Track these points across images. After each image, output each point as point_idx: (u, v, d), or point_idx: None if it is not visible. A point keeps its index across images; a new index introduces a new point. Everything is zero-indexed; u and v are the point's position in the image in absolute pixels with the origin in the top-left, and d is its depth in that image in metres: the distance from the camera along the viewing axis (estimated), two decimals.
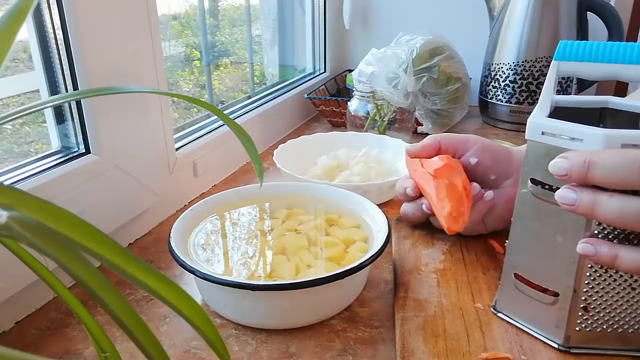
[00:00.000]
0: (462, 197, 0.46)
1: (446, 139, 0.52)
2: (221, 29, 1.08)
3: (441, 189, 0.47)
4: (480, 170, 0.50)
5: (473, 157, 0.50)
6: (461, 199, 0.46)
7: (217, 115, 0.33)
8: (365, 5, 1.27)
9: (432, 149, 0.51)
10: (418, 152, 0.52)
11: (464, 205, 0.47)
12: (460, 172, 0.48)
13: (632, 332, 0.36)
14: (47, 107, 0.48)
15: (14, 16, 0.23)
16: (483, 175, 0.51)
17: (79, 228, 0.16)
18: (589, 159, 0.31)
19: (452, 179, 0.47)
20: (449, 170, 0.48)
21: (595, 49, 0.35)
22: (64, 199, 0.46)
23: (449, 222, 0.46)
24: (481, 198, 0.49)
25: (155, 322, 0.43)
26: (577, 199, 0.32)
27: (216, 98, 1.03)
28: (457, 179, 0.47)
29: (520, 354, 0.37)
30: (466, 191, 0.47)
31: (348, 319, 0.44)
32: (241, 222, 0.53)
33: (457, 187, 0.46)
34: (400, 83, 0.84)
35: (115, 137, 0.52)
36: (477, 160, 0.50)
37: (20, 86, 0.61)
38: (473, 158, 0.50)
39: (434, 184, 0.48)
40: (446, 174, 0.47)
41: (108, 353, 0.24)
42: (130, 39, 0.53)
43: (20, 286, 0.42)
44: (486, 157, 0.50)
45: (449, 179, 0.47)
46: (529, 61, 0.98)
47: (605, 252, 0.32)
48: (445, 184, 0.47)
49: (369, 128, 0.87)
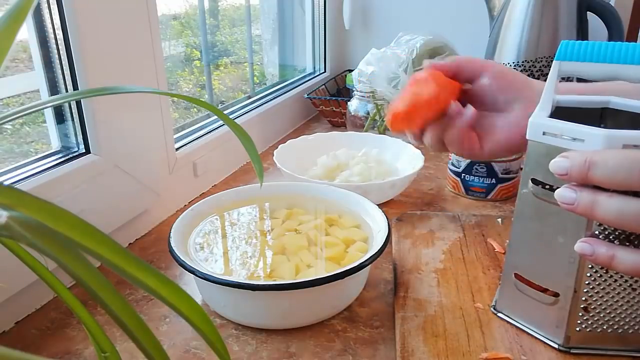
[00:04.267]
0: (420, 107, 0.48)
1: (463, 62, 0.51)
2: (221, 29, 1.08)
3: (407, 93, 0.48)
4: (490, 92, 0.50)
5: (486, 78, 0.50)
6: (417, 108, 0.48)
7: (217, 115, 0.33)
8: (365, 5, 1.27)
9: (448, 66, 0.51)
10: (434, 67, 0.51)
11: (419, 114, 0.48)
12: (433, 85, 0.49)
13: (632, 333, 0.36)
14: (47, 107, 0.48)
15: (14, 16, 0.23)
16: (493, 97, 0.50)
17: (79, 228, 0.16)
18: (590, 159, 0.30)
19: (422, 88, 0.48)
20: (425, 82, 0.49)
21: (597, 49, 0.35)
22: (64, 199, 0.46)
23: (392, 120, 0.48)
24: (460, 115, 0.49)
25: (155, 322, 0.43)
26: (577, 199, 0.31)
27: (216, 98, 1.03)
28: (426, 89, 0.48)
29: (520, 354, 0.37)
30: (430, 104, 0.48)
31: (348, 319, 0.44)
32: (241, 222, 0.53)
33: (420, 97, 0.48)
34: (400, 83, 0.84)
35: (115, 137, 0.52)
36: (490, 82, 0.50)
37: (20, 86, 0.60)
38: (486, 79, 0.50)
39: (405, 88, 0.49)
40: (421, 84, 0.49)
41: (108, 353, 0.24)
42: (130, 39, 0.53)
43: (20, 286, 0.42)
44: (498, 82, 0.49)
45: (420, 89, 0.48)
46: (529, 61, 0.98)
47: (602, 253, 0.32)
48: (413, 90, 0.48)
49: (369, 128, 0.87)
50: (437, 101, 0.48)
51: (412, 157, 0.72)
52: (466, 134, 0.50)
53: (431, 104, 0.48)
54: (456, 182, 0.69)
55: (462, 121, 0.49)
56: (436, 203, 0.68)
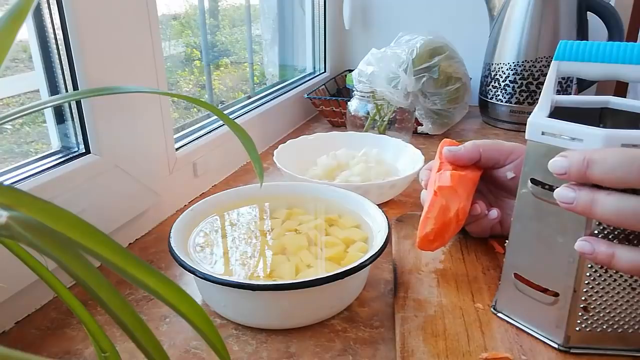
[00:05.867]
0: (449, 224, 0.47)
1: (488, 150, 0.49)
2: (221, 29, 1.08)
3: (434, 207, 0.47)
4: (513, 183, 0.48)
5: (510, 172, 0.48)
6: (447, 226, 0.47)
7: (217, 115, 0.33)
8: (365, 5, 1.27)
9: (469, 158, 0.49)
10: (455, 157, 0.49)
11: (448, 231, 0.47)
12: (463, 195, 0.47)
13: (632, 332, 0.36)
14: (47, 107, 0.48)
15: (14, 16, 0.23)
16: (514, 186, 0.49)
17: (79, 228, 0.16)
18: (589, 157, 0.31)
19: (450, 201, 0.47)
20: (451, 192, 0.47)
21: (596, 49, 0.35)
22: (64, 199, 0.46)
23: (423, 241, 0.47)
24: (484, 217, 0.49)
25: (155, 322, 0.43)
26: (576, 197, 0.32)
27: (216, 98, 1.03)
28: (455, 204, 0.47)
29: (520, 354, 0.37)
30: (458, 218, 0.47)
31: (348, 319, 0.44)
32: (241, 222, 0.53)
33: (449, 212, 0.47)
34: (400, 83, 0.84)
35: (115, 137, 0.52)
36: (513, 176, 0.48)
37: (20, 86, 0.61)
38: (510, 173, 0.48)
39: (431, 199, 0.48)
40: (447, 195, 0.47)
41: (108, 353, 0.24)
42: (130, 39, 0.53)
43: (20, 286, 0.42)
44: None
45: (447, 201, 0.47)
46: (529, 61, 0.98)
47: (602, 251, 0.32)
48: (441, 205, 0.47)
49: (369, 128, 0.87)
50: (465, 213, 0.47)
51: (412, 157, 0.72)
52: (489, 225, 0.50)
53: (459, 218, 0.47)
54: None
55: (487, 221, 0.49)
56: None
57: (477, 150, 0.49)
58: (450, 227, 0.47)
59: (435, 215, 0.47)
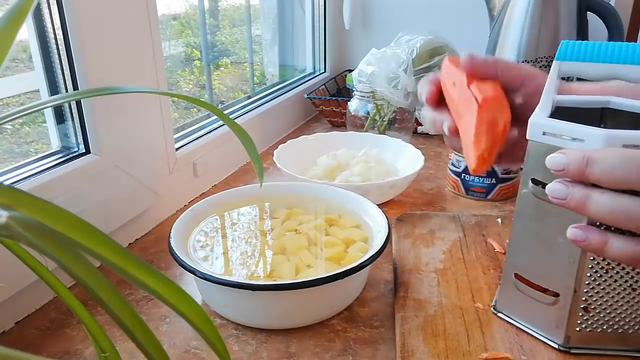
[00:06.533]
0: (498, 139, 0.40)
1: (506, 70, 0.43)
2: (221, 29, 1.08)
3: (483, 123, 0.40)
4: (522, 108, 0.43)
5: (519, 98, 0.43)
6: (496, 141, 0.40)
7: (217, 115, 0.33)
8: (365, 5, 1.27)
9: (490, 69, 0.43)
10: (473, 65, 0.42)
11: (495, 148, 0.40)
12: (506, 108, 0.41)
13: (632, 333, 0.36)
14: (47, 107, 0.48)
15: (14, 16, 0.23)
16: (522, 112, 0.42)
17: (79, 228, 0.16)
18: (589, 156, 0.30)
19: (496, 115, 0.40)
20: (497, 103, 0.41)
21: (597, 49, 0.35)
22: (64, 199, 0.46)
23: (479, 163, 0.40)
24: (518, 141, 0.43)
25: (155, 322, 0.43)
26: (569, 193, 0.31)
27: (216, 98, 1.03)
28: (501, 116, 0.40)
29: (520, 354, 0.37)
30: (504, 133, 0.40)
31: (348, 319, 0.44)
32: (241, 222, 0.53)
33: (498, 127, 0.40)
34: (400, 83, 0.84)
35: (115, 137, 0.52)
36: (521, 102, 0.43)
37: (20, 86, 0.61)
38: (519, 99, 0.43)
39: (476, 114, 0.41)
40: (494, 107, 0.40)
41: (108, 353, 0.24)
42: (130, 39, 0.53)
43: (20, 286, 0.42)
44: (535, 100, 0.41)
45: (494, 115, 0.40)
46: (529, 61, 0.98)
47: (595, 238, 0.31)
48: (488, 118, 0.40)
49: (369, 128, 0.87)
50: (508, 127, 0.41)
51: (412, 157, 0.72)
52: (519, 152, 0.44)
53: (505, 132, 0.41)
54: (456, 182, 0.69)
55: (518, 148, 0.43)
56: (436, 203, 0.68)
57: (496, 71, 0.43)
58: (497, 144, 0.40)
59: (486, 132, 0.40)
